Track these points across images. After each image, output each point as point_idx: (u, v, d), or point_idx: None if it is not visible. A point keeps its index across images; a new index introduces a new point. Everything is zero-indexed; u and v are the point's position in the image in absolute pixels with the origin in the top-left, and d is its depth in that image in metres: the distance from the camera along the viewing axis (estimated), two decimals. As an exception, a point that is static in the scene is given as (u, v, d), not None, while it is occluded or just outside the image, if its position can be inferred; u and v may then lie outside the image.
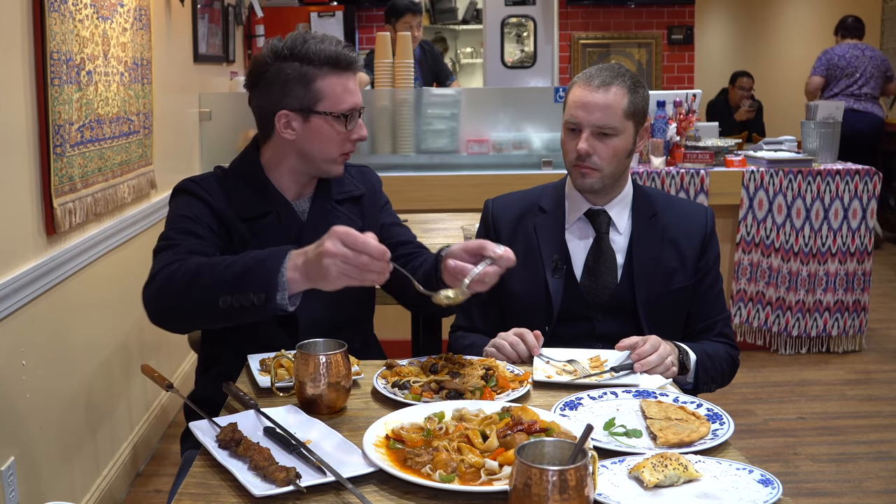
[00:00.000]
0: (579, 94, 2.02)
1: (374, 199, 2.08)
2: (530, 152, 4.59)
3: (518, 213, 2.17)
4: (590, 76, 2.04)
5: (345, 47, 1.89)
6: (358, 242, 1.52)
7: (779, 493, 1.29)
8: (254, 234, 1.90)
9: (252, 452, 1.39)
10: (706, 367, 2.01)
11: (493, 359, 1.84)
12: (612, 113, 2.00)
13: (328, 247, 1.52)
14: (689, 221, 2.12)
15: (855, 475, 3.25)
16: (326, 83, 1.85)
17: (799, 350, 4.61)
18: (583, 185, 2.05)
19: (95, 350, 2.94)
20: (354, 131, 1.90)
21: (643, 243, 2.08)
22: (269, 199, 1.93)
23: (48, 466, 2.54)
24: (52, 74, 2.50)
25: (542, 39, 7.59)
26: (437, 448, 1.38)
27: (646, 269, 2.06)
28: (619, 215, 2.10)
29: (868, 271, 4.52)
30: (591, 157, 2.01)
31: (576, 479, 1.14)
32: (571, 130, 2.04)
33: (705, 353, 2.02)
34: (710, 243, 2.13)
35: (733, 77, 7.63)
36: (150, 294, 1.70)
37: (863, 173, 4.46)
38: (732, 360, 2.13)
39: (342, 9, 6.27)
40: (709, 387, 2.03)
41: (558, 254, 2.08)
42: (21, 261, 2.38)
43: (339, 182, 2.02)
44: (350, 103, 1.88)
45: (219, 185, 1.93)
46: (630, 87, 2.03)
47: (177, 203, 1.91)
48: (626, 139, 2.03)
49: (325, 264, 1.52)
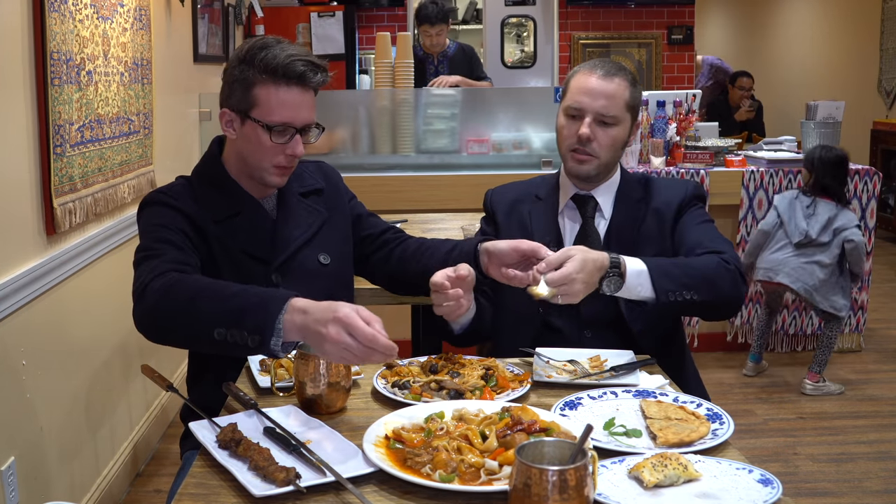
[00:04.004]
0: (584, 81, 2.05)
1: (336, 192, 2.09)
2: (530, 152, 4.59)
3: (514, 199, 2.21)
4: (594, 66, 2.06)
5: (303, 62, 1.82)
6: (366, 337, 1.43)
7: (778, 493, 1.29)
8: (229, 235, 1.90)
9: (252, 452, 1.39)
10: (669, 273, 1.84)
11: (492, 359, 1.84)
12: (615, 102, 2.02)
13: (332, 334, 1.44)
14: (671, 192, 2.13)
15: (855, 475, 3.25)
16: (262, 91, 1.83)
17: (795, 349, 4.61)
18: (579, 171, 2.07)
19: (95, 350, 2.94)
20: (288, 147, 1.85)
21: (624, 224, 2.09)
22: (236, 199, 1.93)
23: (48, 466, 2.54)
24: (52, 74, 2.50)
25: (542, 39, 7.59)
26: (437, 448, 1.38)
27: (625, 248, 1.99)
28: (605, 201, 2.12)
29: (867, 271, 4.51)
30: (591, 144, 2.03)
31: (576, 479, 1.14)
32: (572, 117, 2.05)
33: (669, 262, 1.89)
34: (690, 205, 2.10)
35: (733, 77, 7.62)
36: (143, 309, 1.64)
37: (862, 173, 4.46)
38: (722, 266, 1.90)
39: (342, 9, 6.26)
40: (681, 294, 1.83)
41: (550, 236, 2.10)
42: (21, 261, 2.38)
43: (298, 177, 2.02)
44: (283, 117, 1.83)
45: (186, 192, 1.91)
46: (631, 81, 2.07)
47: (147, 214, 1.87)
48: (624, 130, 2.06)
49: (325, 348, 1.46)
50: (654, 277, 1.83)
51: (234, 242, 1.89)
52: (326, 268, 1.98)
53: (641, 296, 1.84)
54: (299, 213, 1.99)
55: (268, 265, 1.91)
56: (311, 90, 1.87)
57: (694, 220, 2.08)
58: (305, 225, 1.98)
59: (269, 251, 1.92)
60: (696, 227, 2.06)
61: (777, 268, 4.04)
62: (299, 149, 1.87)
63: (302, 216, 1.99)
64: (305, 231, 1.97)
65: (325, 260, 1.98)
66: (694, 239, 2.02)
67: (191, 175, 1.98)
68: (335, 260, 2.01)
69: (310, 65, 1.84)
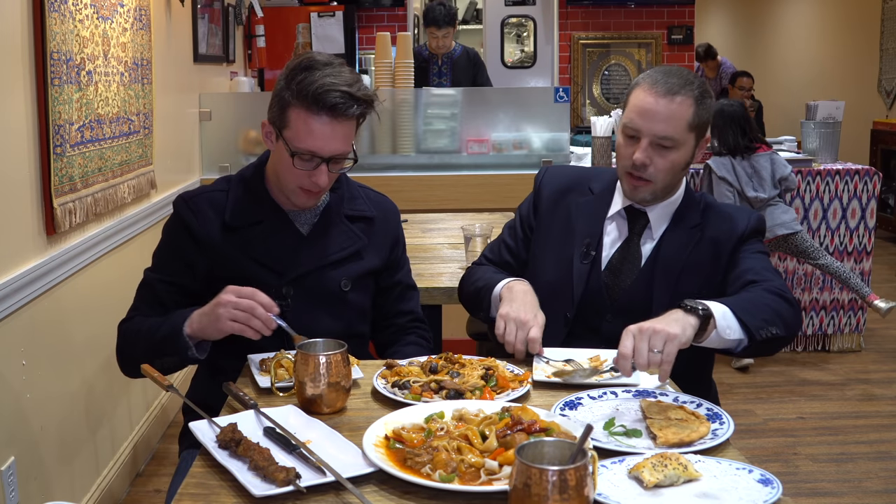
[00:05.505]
0: (642, 99, 1.87)
1: (386, 228, 2.06)
2: (530, 152, 4.59)
3: (565, 186, 2.09)
4: (655, 81, 1.88)
5: (339, 93, 1.78)
6: (246, 291, 1.73)
7: (778, 493, 1.29)
8: (244, 242, 1.92)
9: (252, 452, 1.39)
10: (749, 311, 1.69)
11: (492, 359, 1.84)
12: (675, 125, 1.86)
13: (221, 296, 1.73)
14: (732, 223, 1.97)
15: (855, 475, 3.25)
16: (294, 114, 1.82)
17: (795, 349, 4.61)
18: (633, 196, 1.95)
19: (95, 350, 2.94)
20: (313, 174, 1.84)
21: (673, 249, 1.95)
22: (263, 209, 1.94)
23: (48, 466, 2.54)
24: (53, 74, 2.50)
25: (542, 39, 7.59)
26: (437, 448, 1.38)
27: (668, 275, 1.94)
28: (659, 221, 1.99)
29: (867, 271, 4.52)
30: (647, 169, 1.88)
31: (576, 479, 1.14)
32: (630, 137, 1.90)
33: (741, 299, 1.75)
34: (749, 239, 1.96)
35: (733, 77, 7.63)
36: (117, 354, 1.97)
37: (862, 173, 4.46)
38: (781, 295, 1.78)
39: (342, 9, 6.26)
40: (769, 331, 1.69)
41: (590, 239, 2.00)
42: (21, 261, 2.38)
43: (351, 200, 2.02)
44: (308, 145, 1.81)
45: (212, 197, 1.95)
46: (697, 97, 1.88)
47: (165, 227, 2.01)
48: (685, 152, 1.90)
49: (217, 312, 1.73)
50: (740, 316, 1.67)
51: (247, 250, 1.91)
52: (346, 294, 1.97)
53: (732, 338, 1.67)
54: (337, 234, 1.97)
55: (281, 276, 1.91)
56: (346, 122, 1.82)
57: (749, 251, 1.95)
58: (338, 247, 1.96)
59: (286, 264, 1.92)
60: (750, 257, 1.93)
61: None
62: (322, 179, 1.85)
63: (339, 238, 1.97)
64: (336, 253, 1.96)
65: (345, 286, 1.97)
66: (746, 266, 1.90)
67: (235, 175, 2.01)
68: (357, 289, 1.99)
69: (346, 96, 1.79)
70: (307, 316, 1.91)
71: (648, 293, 1.95)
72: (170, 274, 1.94)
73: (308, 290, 1.93)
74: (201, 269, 1.92)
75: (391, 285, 2.08)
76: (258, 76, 5.84)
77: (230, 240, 1.91)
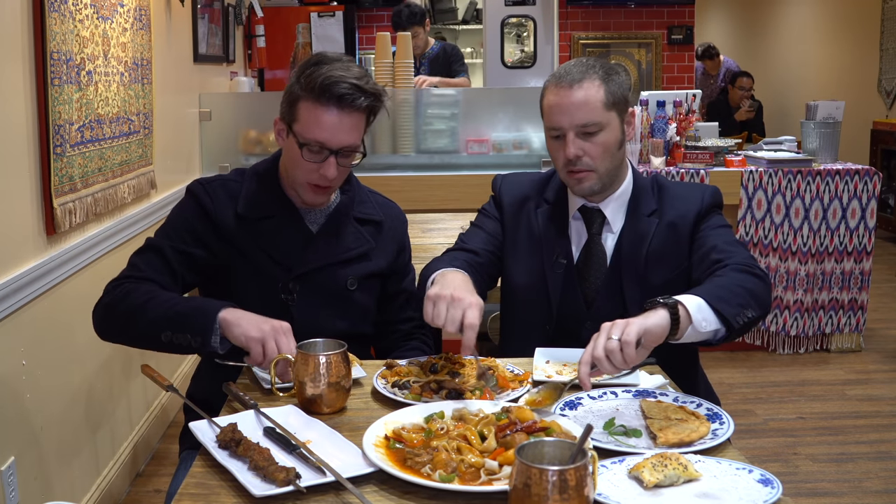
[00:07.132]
0: (552, 99, 1.92)
1: (393, 234, 2.08)
2: (530, 152, 4.59)
3: (524, 196, 2.10)
4: (559, 77, 1.92)
5: (347, 85, 1.81)
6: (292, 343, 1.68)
7: (778, 493, 1.29)
8: (254, 234, 1.93)
9: (252, 453, 1.39)
10: (723, 298, 1.65)
11: (492, 359, 1.84)
12: (590, 108, 1.88)
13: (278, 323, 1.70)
14: (687, 203, 1.98)
15: (855, 475, 3.25)
16: (303, 107, 1.85)
17: (797, 350, 4.61)
18: (581, 189, 1.95)
19: (95, 350, 2.94)
20: (322, 167, 1.86)
21: (634, 240, 1.96)
22: (274, 203, 1.96)
23: (48, 466, 2.54)
24: (52, 74, 2.50)
25: (542, 39, 7.59)
26: (436, 448, 1.38)
27: (634, 267, 1.94)
28: (615, 214, 2.00)
29: (867, 271, 4.52)
30: (582, 159, 1.90)
31: (576, 479, 1.14)
32: (555, 138, 1.94)
33: (712, 286, 1.71)
34: (707, 215, 1.96)
35: (733, 77, 7.63)
36: (98, 310, 1.84)
37: (862, 173, 4.46)
38: (750, 272, 1.75)
39: (342, 9, 6.27)
40: (745, 315, 1.66)
41: (559, 248, 2.01)
42: (21, 261, 2.38)
43: (361, 203, 2.04)
44: (317, 136, 1.83)
45: (228, 186, 1.97)
46: (603, 76, 1.90)
47: (179, 203, 1.99)
48: (612, 131, 1.92)
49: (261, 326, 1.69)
50: (715, 306, 1.63)
51: (257, 242, 1.92)
52: (351, 293, 1.98)
53: (708, 330, 1.63)
54: (346, 234, 1.99)
55: (288, 270, 1.92)
56: (354, 113, 1.84)
57: (710, 227, 1.95)
58: (346, 246, 1.98)
59: (295, 260, 1.93)
60: (712, 234, 1.93)
61: None
62: (331, 171, 1.86)
63: (347, 238, 1.99)
64: (344, 252, 1.97)
65: (351, 285, 1.98)
66: (710, 245, 1.89)
67: (248, 169, 2.02)
68: (362, 290, 2.00)
69: (354, 88, 1.81)
70: (312, 312, 1.92)
71: (619, 288, 1.96)
72: (182, 242, 1.91)
73: (314, 287, 1.94)
74: (212, 251, 1.92)
75: (397, 292, 2.10)
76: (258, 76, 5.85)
77: (242, 229, 1.93)
